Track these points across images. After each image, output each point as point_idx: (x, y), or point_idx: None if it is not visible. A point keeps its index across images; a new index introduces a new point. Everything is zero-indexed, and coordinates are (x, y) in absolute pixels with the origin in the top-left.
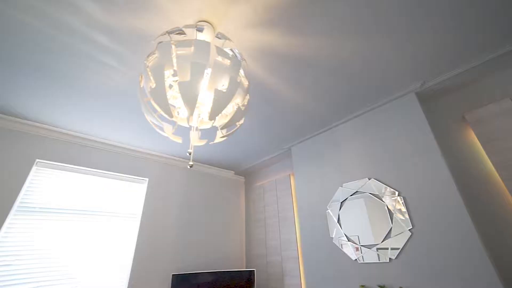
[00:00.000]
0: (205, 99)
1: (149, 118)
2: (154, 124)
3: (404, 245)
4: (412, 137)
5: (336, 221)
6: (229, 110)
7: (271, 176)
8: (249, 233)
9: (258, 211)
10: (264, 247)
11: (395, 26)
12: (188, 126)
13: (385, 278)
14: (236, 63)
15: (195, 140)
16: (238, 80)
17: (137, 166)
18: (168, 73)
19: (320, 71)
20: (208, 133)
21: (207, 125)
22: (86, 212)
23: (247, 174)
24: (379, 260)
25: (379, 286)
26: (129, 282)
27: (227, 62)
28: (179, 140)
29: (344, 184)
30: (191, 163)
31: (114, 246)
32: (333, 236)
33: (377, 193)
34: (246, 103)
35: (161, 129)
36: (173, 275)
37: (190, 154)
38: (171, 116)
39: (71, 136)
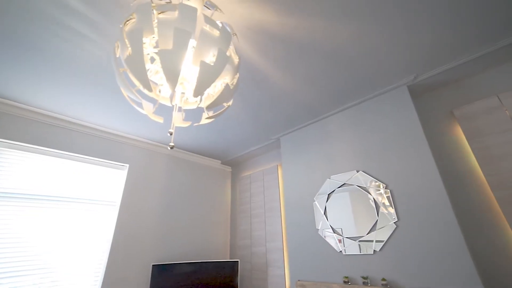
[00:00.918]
0: (190, 75)
1: (125, 92)
2: (132, 100)
3: (389, 237)
4: (402, 131)
5: (323, 213)
6: (217, 89)
7: (258, 166)
8: (234, 224)
9: (244, 201)
10: (249, 237)
11: (392, 15)
12: (171, 105)
13: (368, 269)
14: (226, 35)
15: (178, 121)
16: (228, 54)
17: (117, 151)
18: (148, 41)
19: (313, 57)
20: (193, 115)
21: (192, 105)
22: (60, 198)
23: (234, 164)
24: (363, 252)
25: (363, 277)
26: (105, 272)
27: (216, 32)
28: (160, 120)
29: (332, 176)
30: (171, 144)
31: (90, 235)
32: (319, 227)
33: (365, 186)
34: (235, 82)
35: (140, 106)
36: (153, 265)
37: (171, 134)
38: (150, 89)
39: (42, 115)
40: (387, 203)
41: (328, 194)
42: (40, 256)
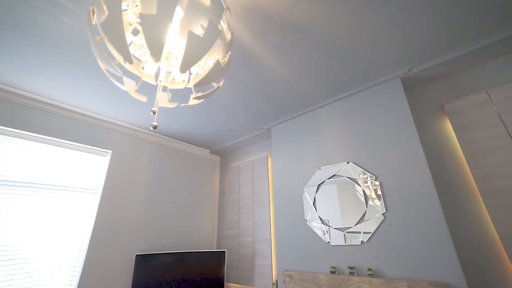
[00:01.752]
0: (177, 49)
1: (103, 64)
2: (111, 74)
3: (376, 229)
4: (394, 123)
5: (312, 204)
6: (207, 67)
7: (248, 157)
8: (222, 214)
9: (233, 191)
10: (237, 228)
11: (389, 3)
12: (155, 83)
13: (355, 260)
14: (218, 5)
15: (163, 101)
16: (220, 28)
17: (99, 136)
18: (130, 7)
19: (309, 43)
20: (180, 97)
21: (179, 85)
22: (37, 185)
23: (223, 154)
24: (351, 243)
25: (349, 267)
26: (84, 262)
27: (207, 1)
28: (143, 99)
29: (322, 167)
30: (154, 123)
31: (69, 223)
32: (308, 218)
33: (355, 177)
34: (227, 61)
35: (121, 81)
36: (137, 255)
37: (154, 113)
38: (130, 60)
39: (16, 94)
40: (376, 194)
41: (318, 185)
42: (14, 246)
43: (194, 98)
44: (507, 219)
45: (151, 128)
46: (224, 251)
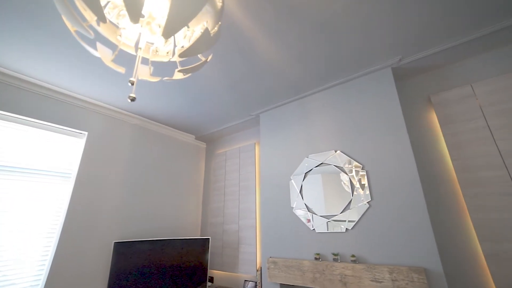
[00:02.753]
0: (160, 13)
1: (69, 24)
2: (81, 38)
3: (361, 217)
4: (382, 113)
5: (299, 192)
6: (194, 37)
7: (235, 144)
8: (206, 201)
9: (218, 179)
10: (222, 215)
11: None
12: (135, 54)
13: (339, 246)
14: None
15: (144, 74)
16: None
17: (74, 116)
18: None
19: (303, 25)
20: (164, 73)
21: (163, 57)
22: (2, 168)
23: (209, 140)
24: (336, 230)
25: (333, 254)
26: (56, 250)
27: None
28: (121, 70)
29: (310, 155)
30: (132, 95)
31: (38, 210)
32: (294, 206)
33: (342, 166)
34: (216, 31)
35: (93, 47)
36: (115, 243)
37: (132, 84)
38: (104, 19)
39: None
40: (362, 183)
41: (305, 173)
42: None
43: (179, 71)
44: (481, 208)
45: (129, 101)
46: (208, 239)
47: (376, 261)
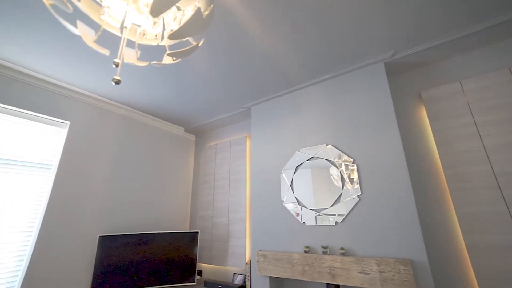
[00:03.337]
0: None
1: None
2: (59, 15)
3: (351, 210)
4: (374, 108)
5: (289, 185)
6: (184, 19)
7: (225, 137)
8: (196, 195)
9: (208, 172)
10: (211, 209)
11: None
12: (120, 35)
13: (329, 240)
14: None
15: (131, 57)
16: None
17: (55, 104)
18: None
19: (299, 14)
20: (152, 59)
21: (151, 41)
22: None
23: (199, 133)
24: (325, 224)
25: (323, 247)
26: (35, 245)
27: None
28: (105, 52)
29: (301, 149)
30: (117, 77)
31: (16, 202)
32: (284, 199)
33: (333, 160)
34: (209, 13)
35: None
36: (100, 236)
37: (117, 66)
38: None
39: None
40: (352, 177)
41: (296, 167)
42: None
43: (168, 55)
44: (465, 201)
45: (113, 83)
46: (197, 232)
47: (364, 254)
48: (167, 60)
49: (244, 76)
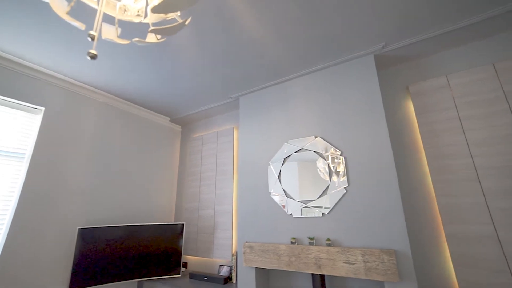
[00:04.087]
0: None
1: None
2: None
3: (338, 202)
4: (363, 101)
5: (277, 177)
6: None
7: (212, 128)
8: (181, 186)
9: (194, 163)
10: (197, 200)
11: None
12: (96, 7)
13: (316, 231)
14: None
15: (110, 34)
16: None
17: (27, 88)
18: None
19: (292, 4)
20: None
21: (133, 17)
22: None
23: (185, 123)
24: (312, 215)
25: (309, 238)
26: (6, 238)
27: None
28: (81, 25)
29: (289, 140)
30: (92, 51)
31: None
32: (272, 191)
33: (321, 152)
34: None
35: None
36: (79, 229)
37: (92, 39)
38: None
39: None
40: (340, 169)
41: (284, 159)
42: None
43: (151, 31)
44: (447, 193)
45: (88, 58)
46: (183, 224)
47: (350, 244)
48: (151, 38)
49: (232, 64)
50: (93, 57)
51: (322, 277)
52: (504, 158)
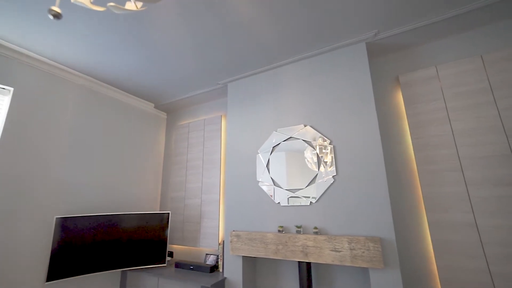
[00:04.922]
0: None
1: None
2: None
3: (326, 190)
4: (354, 89)
5: (265, 166)
6: None
7: (199, 115)
8: (167, 175)
9: (180, 152)
10: (183, 190)
11: None
12: None
13: (303, 219)
14: None
15: None
16: None
17: None
18: None
19: None
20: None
21: None
22: None
23: (171, 110)
24: (300, 204)
25: (296, 226)
26: None
27: None
28: None
29: (278, 129)
30: (55, 8)
31: None
32: (260, 180)
33: (310, 140)
34: None
35: None
36: (57, 218)
37: None
38: None
39: None
40: (328, 158)
41: (273, 147)
42: None
43: None
44: (431, 182)
45: (51, 17)
46: (168, 213)
47: (337, 233)
48: (130, 5)
49: (220, 47)
50: (56, 15)
51: (308, 264)
52: (487, 148)
